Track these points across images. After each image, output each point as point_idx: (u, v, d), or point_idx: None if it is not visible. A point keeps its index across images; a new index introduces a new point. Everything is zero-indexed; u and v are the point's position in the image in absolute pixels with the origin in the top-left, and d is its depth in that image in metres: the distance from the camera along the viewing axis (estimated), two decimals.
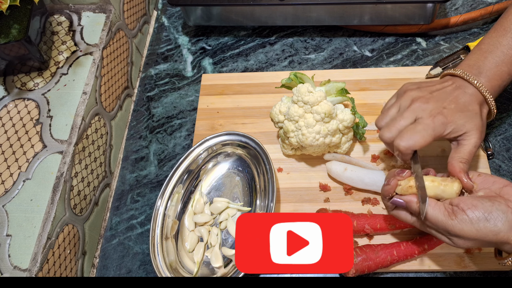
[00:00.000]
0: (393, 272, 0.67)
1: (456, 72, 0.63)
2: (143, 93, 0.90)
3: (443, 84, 0.63)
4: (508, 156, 0.75)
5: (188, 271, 0.68)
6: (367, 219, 0.67)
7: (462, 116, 0.59)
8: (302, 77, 0.71)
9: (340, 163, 0.73)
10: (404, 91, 0.63)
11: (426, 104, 0.60)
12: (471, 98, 0.60)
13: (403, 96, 0.62)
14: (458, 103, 0.60)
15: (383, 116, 0.63)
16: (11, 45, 0.70)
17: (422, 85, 0.63)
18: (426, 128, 0.58)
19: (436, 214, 0.54)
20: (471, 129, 0.59)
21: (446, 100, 0.60)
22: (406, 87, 0.64)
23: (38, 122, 0.72)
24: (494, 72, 0.62)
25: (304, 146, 0.70)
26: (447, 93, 0.61)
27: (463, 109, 0.60)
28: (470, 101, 0.60)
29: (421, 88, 0.62)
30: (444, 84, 0.63)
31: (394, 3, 0.83)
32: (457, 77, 0.63)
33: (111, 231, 0.76)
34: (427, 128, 0.58)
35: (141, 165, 0.82)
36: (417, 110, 0.60)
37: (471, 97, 0.60)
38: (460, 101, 0.60)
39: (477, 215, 0.52)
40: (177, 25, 0.99)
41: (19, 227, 0.63)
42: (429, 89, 0.62)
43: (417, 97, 0.61)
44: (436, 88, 0.62)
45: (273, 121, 0.74)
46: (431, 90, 0.62)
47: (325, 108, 0.67)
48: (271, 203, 0.67)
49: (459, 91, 0.61)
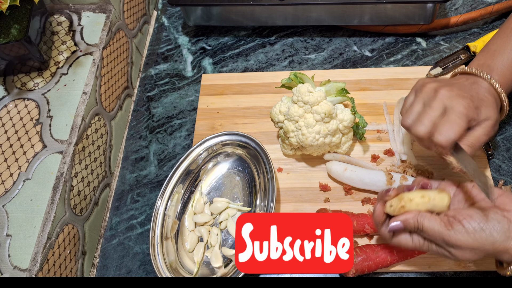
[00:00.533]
0: (393, 272, 0.67)
1: (468, 70, 0.64)
2: (143, 93, 0.90)
3: (458, 80, 0.63)
4: (508, 156, 0.75)
5: (188, 271, 0.68)
6: (367, 219, 0.67)
7: (484, 104, 0.60)
8: (302, 77, 0.71)
9: (340, 163, 0.73)
10: (422, 86, 0.62)
11: (451, 92, 0.59)
12: (487, 91, 0.61)
13: (422, 90, 0.61)
14: (478, 93, 0.61)
15: (409, 113, 0.61)
16: (11, 45, 0.70)
17: (438, 79, 0.63)
18: (460, 116, 0.57)
19: (433, 225, 0.54)
20: (489, 117, 0.59)
21: (467, 89, 0.61)
22: (423, 82, 0.62)
23: (38, 122, 0.72)
24: (504, 71, 0.63)
25: (304, 146, 0.70)
26: (466, 85, 0.62)
27: (483, 98, 0.60)
28: (486, 93, 0.61)
29: (439, 81, 0.62)
30: (459, 79, 0.63)
31: (394, 3, 0.83)
32: (470, 74, 0.64)
33: (111, 231, 0.76)
34: (461, 115, 0.57)
35: (141, 165, 0.82)
36: (445, 98, 0.59)
37: (486, 91, 0.61)
38: (479, 91, 0.61)
39: (473, 226, 0.52)
40: (177, 25, 0.99)
41: (19, 227, 0.63)
42: (447, 81, 0.62)
43: (439, 86, 0.60)
44: (453, 80, 0.63)
45: (273, 121, 0.74)
46: (449, 81, 0.62)
47: (325, 108, 0.67)
48: (271, 203, 0.67)
49: (476, 85, 0.62)
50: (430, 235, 0.54)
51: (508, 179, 0.73)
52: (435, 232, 0.54)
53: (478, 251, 0.52)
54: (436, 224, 0.54)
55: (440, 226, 0.54)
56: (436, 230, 0.54)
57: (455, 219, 0.53)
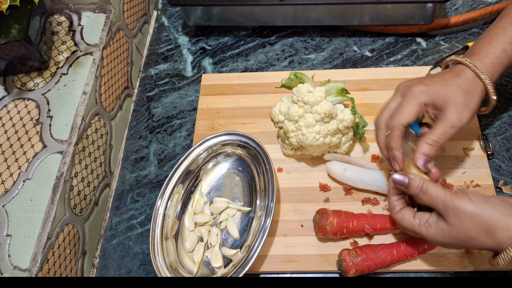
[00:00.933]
0: (393, 272, 0.67)
1: (456, 58, 0.64)
2: (143, 93, 0.90)
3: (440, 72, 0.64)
4: (508, 156, 0.75)
5: (188, 271, 0.68)
6: (367, 219, 0.67)
7: (444, 88, 0.60)
8: (302, 77, 0.71)
9: (340, 163, 0.73)
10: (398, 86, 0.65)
11: (409, 82, 0.62)
12: (463, 78, 0.61)
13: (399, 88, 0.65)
14: (444, 78, 0.61)
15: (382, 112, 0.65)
16: (11, 45, 0.70)
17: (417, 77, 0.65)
18: (409, 100, 0.59)
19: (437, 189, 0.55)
20: (451, 104, 0.59)
21: (432, 77, 0.62)
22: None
23: (38, 122, 0.72)
24: (501, 58, 0.62)
25: (304, 146, 0.70)
26: (438, 74, 0.62)
27: (447, 83, 0.60)
28: (460, 80, 0.61)
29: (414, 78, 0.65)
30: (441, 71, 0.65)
31: (394, 3, 0.83)
32: (458, 64, 0.64)
33: (111, 231, 0.76)
34: (410, 100, 0.59)
35: (141, 165, 0.82)
36: (402, 89, 0.62)
37: (464, 79, 0.61)
38: (447, 77, 0.61)
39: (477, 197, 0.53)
40: (177, 25, 0.99)
41: (19, 227, 0.63)
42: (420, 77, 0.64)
43: (404, 81, 0.64)
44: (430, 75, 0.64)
45: (273, 121, 0.74)
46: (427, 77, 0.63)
47: (325, 108, 0.67)
48: (271, 203, 0.67)
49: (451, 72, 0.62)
50: (433, 197, 0.55)
51: (508, 179, 0.73)
52: (438, 194, 0.54)
53: (477, 221, 0.52)
54: (441, 189, 0.55)
55: (444, 191, 0.55)
56: (440, 193, 0.54)
57: (460, 191, 0.55)
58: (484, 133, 0.76)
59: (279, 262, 0.69)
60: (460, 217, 0.53)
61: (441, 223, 0.55)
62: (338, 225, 0.66)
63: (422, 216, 0.57)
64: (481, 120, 0.78)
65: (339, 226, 0.66)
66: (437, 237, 0.55)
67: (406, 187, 0.57)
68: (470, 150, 0.74)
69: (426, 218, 0.57)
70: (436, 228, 0.55)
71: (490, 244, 0.52)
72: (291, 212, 0.72)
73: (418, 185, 0.56)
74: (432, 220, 0.56)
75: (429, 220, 0.56)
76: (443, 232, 0.55)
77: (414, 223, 0.57)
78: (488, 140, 0.76)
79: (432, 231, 0.56)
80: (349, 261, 0.63)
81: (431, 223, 0.56)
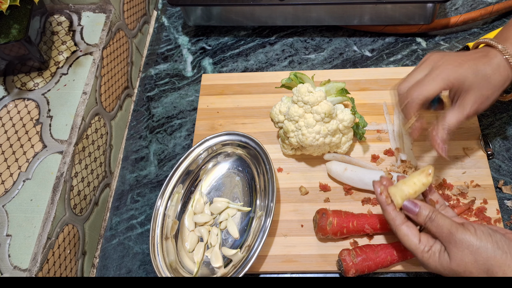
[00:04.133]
0: (393, 272, 0.67)
1: (488, 41, 0.62)
2: (143, 93, 0.90)
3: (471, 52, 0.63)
4: (508, 156, 0.75)
5: (188, 271, 0.68)
6: (367, 219, 0.67)
7: (473, 75, 0.59)
8: (302, 77, 0.71)
9: (340, 163, 0.73)
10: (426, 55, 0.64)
11: (443, 56, 0.61)
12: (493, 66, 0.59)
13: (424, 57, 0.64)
14: (477, 63, 0.59)
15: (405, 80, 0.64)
16: (11, 45, 0.70)
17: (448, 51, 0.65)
18: (437, 75, 0.59)
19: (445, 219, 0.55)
20: (472, 93, 0.59)
21: (465, 56, 0.60)
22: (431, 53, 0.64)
23: (38, 122, 0.72)
24: None
25: (304, 146, 0.70)
26: (470, 54, 0.61)
27: (477, 70, 0.59)
28: (490, 68, 0.59)
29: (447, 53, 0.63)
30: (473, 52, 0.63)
31: (394, 3, 0.83)
32: (489, 47, 0.62)
33: (111, 231, 0.76)
34: (438, 75, 0.59)
35: (141, 165, 0.82)
36: (431, 62, 0.61)
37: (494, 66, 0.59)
38: (479, 63, 0.59)
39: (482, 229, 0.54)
40: (177, 25, 0.99)
41: (19, 227, 0.63)
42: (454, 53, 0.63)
43: (435, 52, 0.62)
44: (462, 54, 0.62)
45: (273, 121, 0.74)
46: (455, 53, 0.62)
47: (325, 108, 0.67)
48: (271, 203, 0.67)
49: (482, 55, 0.60)
50: (440, 225, 0.55)
51: (508, 179, 0.73)
52: (445, 224, 0.55)
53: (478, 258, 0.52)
54: (448, 220, 0.55)
55: (451, 222, 0.55)
56: (446, 223, 0.55)
57: (467, 223, 0.55)
58: (484, 133, 0.76)
59: (279, 262, 0.69)
60: (463, 249, 0.53)
61: (444, 255, 0.55)
62: (338, 225, 0.66)
63: (427, 243, 0.56)
64: (481, 120, 0.78)
65: (339, 226, 0.66)
66: (438, 267, 0.55)
67: (416, 214, 0.57)
68: (470, 150, 0.74)
69: (430, 245, 0.56)
70: (439, 258, 0.55)
71: None
72: (291, 212, 0.72)
73: (428, 215, 0.56)
74: (436, 249, 0.56)
75: (433, 248, 0.56)
76: (443, 264, 0.55)
77: (419, 247, 0.56)
78: (488, 140, 0.76)
79: (434, 261, 0.55)
80: (349, 261, 0.63)
81: (435, 252, 0.55)
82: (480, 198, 0.70)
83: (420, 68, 0.62)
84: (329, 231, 0.66)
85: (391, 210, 0.59)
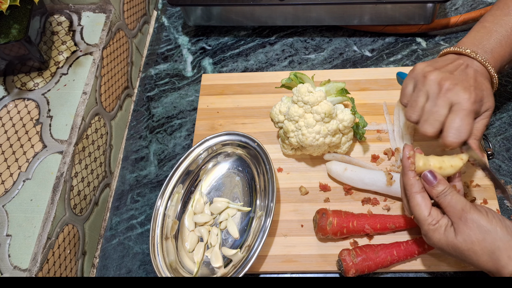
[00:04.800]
0: (393, 272, 0.67)
1: (459, 49, 0.63)
2: (143, 93, 0.90)
3: (455, 63, 0.62)
4: (508, 156, 0.75)
5: (188, 271, 0.68)
6: (367, 219, 0.67)
7: (486, 94, 0.60)
8: (302, 77, 0.71)
9: (340, 163, 0.73)
10: (422, 75, 0.61)
11: (456, 85, 0.59)
12: (482, 75, 0.61)
13: (425, 81, 0.60)
14: (478, 82, 0.60)
15: (413, 108, 0.61)
16: (11, 45, 0.70)
17: (436, 65, 0.62)
18: (468, 114, 0.58)
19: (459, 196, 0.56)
20: (490, 106, 0.61)
21: (468, 79, 0.60)
22: (422, 69, 0.62)
23: (38, 122, 0.72)
24: (498, 51, 0.63)
25: (304, 146, 0.70)
26: (464, 72, 0.61)
27: (482, 87, 0.60)
28: (483, 78, 0.61)
29: (439, 69, 0.61)
30: (455, 63, 0.62)
31: (394, 3, 0.83)
32: (463, 55, 0.63)
33: (111, 231, 0.76)
34: (469, 113, 0.58)
35: (141, 165, 0.82)
36: (450, 94, 0.58)
37: (481, 75, 0.61)
38: (478, 79, 0.61)
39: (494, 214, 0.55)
40: (177, 25, 0.99)
41: (19, 227, 0.63)
42: (446, 69, 0.61)
43: (442, 79, 0.59)
44: (451, 67, 0.62)
45: (273, 121, 0.74)
46: (448, 70, 0.61)
47: (325, 108, 0.67)
48: (271, 203, 0.67)
49: (471, 69, 0.61)
50: (454, 201, 0.55)
51: (508, 179, 0.73)
52: (459, 200, 0.55)
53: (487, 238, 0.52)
54: (463, 198, 0.56)
55: (466, 201, 0.55)
56: (462, 200, 0.55)
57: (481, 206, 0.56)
58: (484, 133, 0.76)
59: (279, 262, 0.69)
60: (473, 228, 0.53)
61: (450, 229, 0.55)
62: (338, 225, 0.66)
63: (436, 215, 0.56)
64: None
65: (339, 226, 0.66)
66: (441, 242, 0.55)
67: (433, 186, 0.57)
68: None
69: (438, 219, 0.56)
70: (444, 232, 0.55)
71: (489, 266, 0.53)
72: (291, 212, 0.72)
73: (444, 189, 0.56)
74: (443, 223, 0.56)
75: (440, 222, 0.56)
76: (448, 238, 0.55)
77: (427, 219, 0.56)
78: (488, 140, 0.76)
79: (439, 233, 0.55)
80: (349, 261, 0.63)
81: (442, 225, 0.55)
82: (480, 198, 0.70)
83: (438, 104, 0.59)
84: (329, 231, 0.66)
85: (412, 176, 0.58)
